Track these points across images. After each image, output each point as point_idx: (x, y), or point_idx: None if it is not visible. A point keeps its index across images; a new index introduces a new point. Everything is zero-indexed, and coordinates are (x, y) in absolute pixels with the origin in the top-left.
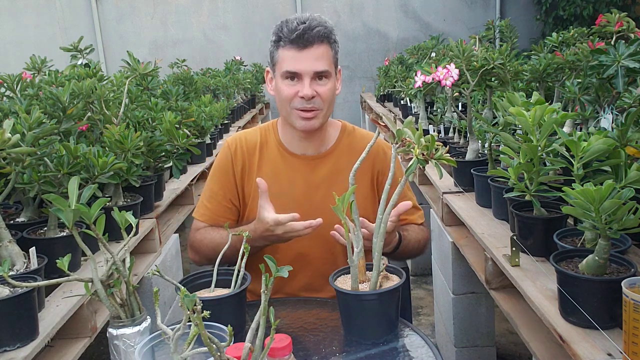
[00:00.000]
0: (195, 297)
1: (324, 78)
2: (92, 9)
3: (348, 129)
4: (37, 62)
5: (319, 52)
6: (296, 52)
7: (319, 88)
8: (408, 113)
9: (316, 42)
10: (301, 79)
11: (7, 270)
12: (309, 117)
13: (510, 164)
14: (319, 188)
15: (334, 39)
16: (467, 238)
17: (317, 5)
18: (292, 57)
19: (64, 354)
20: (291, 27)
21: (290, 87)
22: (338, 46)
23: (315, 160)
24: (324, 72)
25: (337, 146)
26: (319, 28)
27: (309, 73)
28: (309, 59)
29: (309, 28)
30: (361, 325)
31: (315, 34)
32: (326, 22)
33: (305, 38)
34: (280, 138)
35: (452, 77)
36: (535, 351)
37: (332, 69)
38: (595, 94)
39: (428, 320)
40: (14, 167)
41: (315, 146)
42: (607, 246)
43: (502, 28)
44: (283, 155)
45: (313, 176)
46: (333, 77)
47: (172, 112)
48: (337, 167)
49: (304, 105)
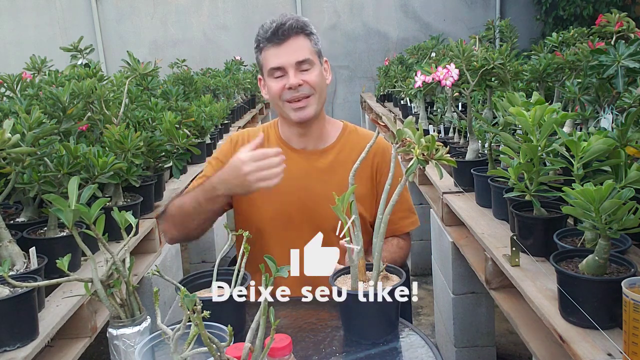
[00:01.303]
0: (195, 297)
1: (307, 67)
2: (92, 9)
3: (349, 127)
4: (37, 62)
5: (297, 44)
6: (275, 48)
7: (305, 76)
8: (408, 113)
9: (292, 34)
10: (286, 72)
11: (7, 270)
12: (302, 106)
13: (510, 164)
14: (318, 180)
15: (309, 30)
16: (467, 238)
17: (317, 5)
18: (273, 54)
19: (64, 354)
20: (265, 27)
21: (278, 82)
22: (317, 38)
23: (315, 155)
24: (305, 60)
25: (338, 142)
26: (291, 22)
27: (291, 64)
28: (288, 52)
29: (282, 24)
30: (361, 325)
31: (288, 27)
32: (299, 17)
33: (280, 33)
34: (281, 134)
35: (452, 77)
36: (535, 351)
37: (315, 57)
38: (595, 94)
39: (428, 320)
40: (14, 167)
41: (314, 141)
42: (607, 246)
43: (502, 28)
44: (284, 149)
45: (312, 169)
46: (317, 64)
47: (172, 112)
48: (337, 160)
49: (293, 95)
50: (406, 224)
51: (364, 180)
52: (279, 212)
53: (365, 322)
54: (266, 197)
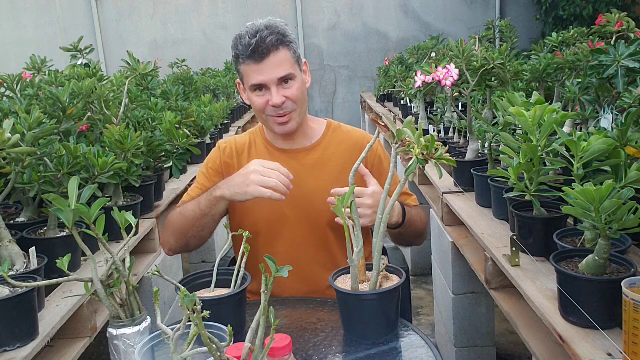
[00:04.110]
0: (195, 297)
1: (289, 81)
2: (92, 9)
3: (334, 125)
4: (37, 62)
5: (278, 59)
6: (255, 65)
7: (287, 92)
8: (408, 113)
9: (272, 50)
10: (268, 88)
11: (7, 270)
12: (285, 122)
13: (510, 164)
14: (308, 176)
15: (289, 39)
16: (467, 238)
17: (317, 5)
18: (254, 71)
19: (64, 354)
20: (245, 42)
21: (261, 98)
22: (296, 44)
23: (302, 153)
24: (287, 76)
25: (324, 139)
26: (271, 37)
27: (274, 81)
28: (270, 69)
29: (261, 40)
30: (361, 325)
31: (268, 44)
32: (277, 26)
33: (260, 51)
34: (267, 136)
35: (452, 77)
36: (535, 351)
37: (296, 69)
38: (595, 94)
39: (428, 320)
40: (14, 167)
41: (299, 140)
42: (607, 246)
43: (502, 28)
44: (270, 151)
45: (301, 167)
46: (298, 75)
47: (172, 112)
48: (324, 157)
49: (277, 112)
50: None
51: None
52: (272, 213)
53: (365, 322)
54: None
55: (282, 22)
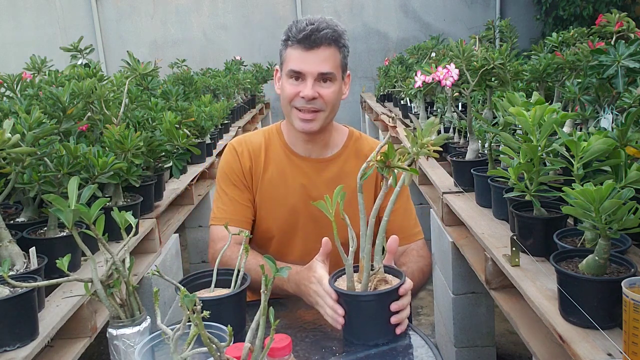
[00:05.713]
0: (195, 297)
1: (328, 81)
2: (92, 9)
3: (355, 135)
4: (37, 62)
5: (326, 54)
6: (302, 52)
7: (322, 90)
8: (408, 113)
9: (323, 44)
10: (305, 79)
11: (7, 270)
12: (308, 119)
13: (510, 164)
14: (324, 190)
15: (343, 43)
16: (467, 238)
17: (317, 5)
18: (298, 57)
19: (64, 354)
20: (300, 27)
21: (294, 87)
22: (348, 51)
23: (322, 164)
24: (328, 74)
25: (344, 151)
26: (327, 30)
27: (313, 74)
28: (314, 60)
29: (317, 30)
30: (358, 327)
31: (322, 36)
32: (337, 26)
33: (312, 39)
34: (286, 139)
35: (452, 77)
36: (535, 351)
37: (338, 72)
38: (595, 94)
39: (428, 320)
40: (14, 167)
41: (319, 149)
42: (607, 246)
43: (502, 28)
44: (289, 156)
45: (319, 178)
46: (339, 80)
47: (172, 112)
48: (343, 171)
49: (304, 105)
50: (418, 231)
51: (367, 190)
52: (285, 221)
53: (361, 323)
54: (275, 208)
55: (343, 27)
